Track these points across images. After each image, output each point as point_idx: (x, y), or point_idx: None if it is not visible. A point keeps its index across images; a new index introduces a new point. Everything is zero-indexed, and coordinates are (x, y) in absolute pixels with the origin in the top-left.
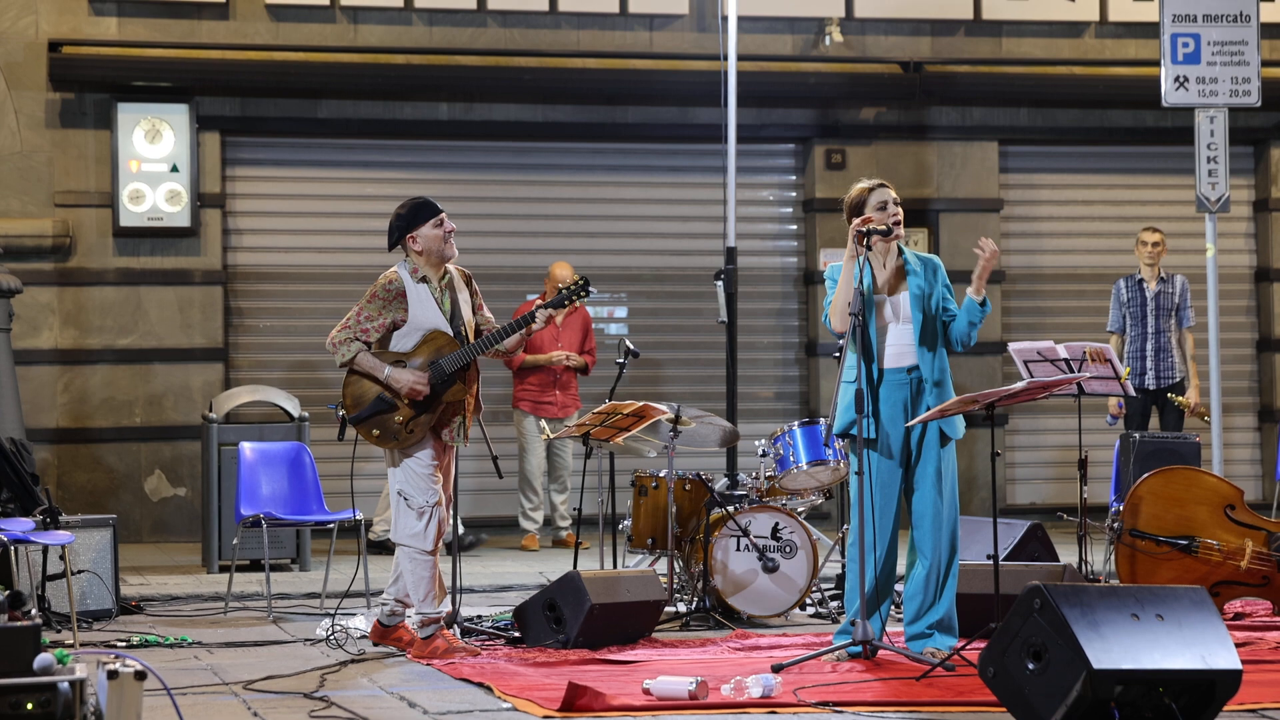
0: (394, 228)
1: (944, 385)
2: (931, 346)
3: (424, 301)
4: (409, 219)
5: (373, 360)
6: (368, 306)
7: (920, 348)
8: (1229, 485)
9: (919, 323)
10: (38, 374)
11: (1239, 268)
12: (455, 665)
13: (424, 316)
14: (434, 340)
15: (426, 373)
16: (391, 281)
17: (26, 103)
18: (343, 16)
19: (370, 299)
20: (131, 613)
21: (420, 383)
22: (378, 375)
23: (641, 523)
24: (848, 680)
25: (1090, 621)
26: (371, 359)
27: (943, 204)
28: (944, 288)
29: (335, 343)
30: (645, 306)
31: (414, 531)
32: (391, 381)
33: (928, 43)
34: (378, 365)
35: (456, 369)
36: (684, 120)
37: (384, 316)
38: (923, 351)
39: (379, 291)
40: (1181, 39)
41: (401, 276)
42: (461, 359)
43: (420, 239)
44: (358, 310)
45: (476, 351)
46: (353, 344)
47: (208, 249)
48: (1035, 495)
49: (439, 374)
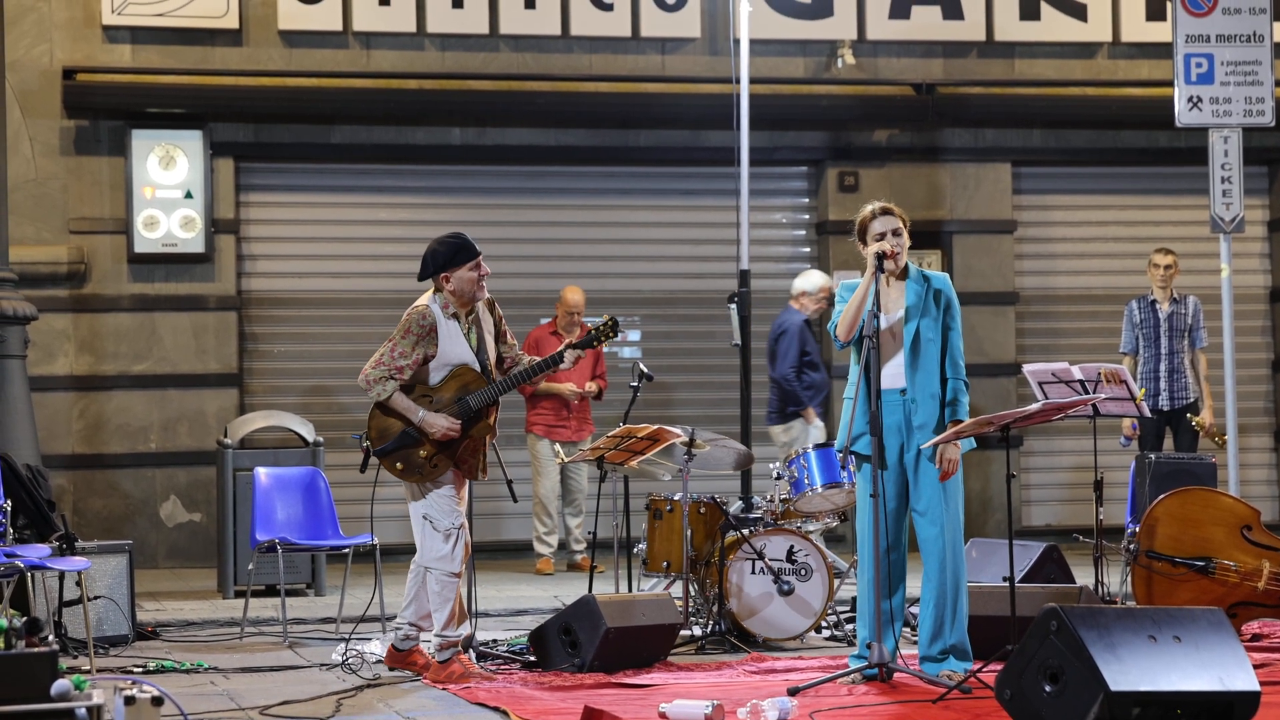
0: (430, 262)
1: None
2: (923, 367)
3: (454, 337)
4: (447, 258)
5: (407, 403)
6: (401, 343)
7: (909, 369)
8: (1245, 506)
9: (909, 344)
10: (53, 400)
11: (1254, 288)
12: (471, 689)
13: (453, 352)
14: (461, 376)
15: (458, 419)
16: (424, 316)
17: (41, 130)
18: (356, 42)
19: (404, 334)
20: (148, 638)
21: (454, 428)
22: (411, 419)
23: (656, 546)
24: (864, 703)
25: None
26: (406, 401)
27: (956, 226)
28: (944, 308)
29: (370, 380)
30: (659, 330)
31: (441, 554)
32: (425, 426)
33: (940, 64)
34: (412, 409)
35: (483, 405)
36: (696, 143)
37: (417, 352)
38: (911, 373)
39: (412, 326)
40: (1195, 59)
41: (434, 311)
42: (488, 397)
43: (454, 280)
44: (391, 346)
45: (503, 390)
46: (388, 383)
47: (222, 275)
48: (1051, 517)
49: (465, 411)
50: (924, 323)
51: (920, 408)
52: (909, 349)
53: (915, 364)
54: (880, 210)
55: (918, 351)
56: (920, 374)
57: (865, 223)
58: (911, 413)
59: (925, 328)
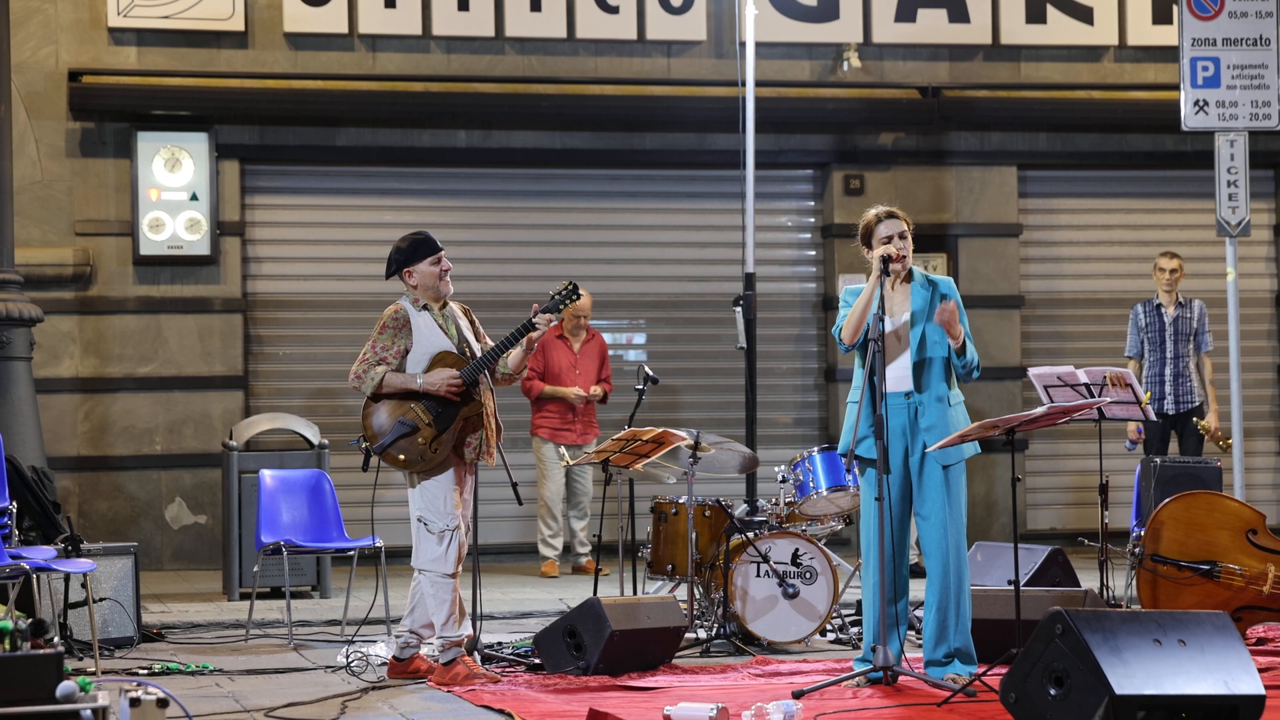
0: (392, 260)
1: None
2: (928, 370)
3: (429, 328)
4: (408, 254)
5: (403, 377)
6: (380, 338)
7: (915, 372)
8: (1251, 510)
9: (915, 347)
10: (58, 402)
11: (1260, 292)
12: (476, 692)
13: (429, 341)
14: (443, 359)
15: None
16: (397, 312)
17: (47, 132)
18: (361, 45)
19: (381, 331)
20: (153, 640)
21: (454, 379)
22: (411, 386)
23: (661, 549)
24: (869, 706)
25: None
26: (401, 376)
27: (961, 229)
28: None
29: (359, 375)
30: (664, 333)
31: (434, 556)
32: (427, 386)
33: (946, 68)
34: (408, 378)
35: (473, 378)
36: (702, 146)
37: (396, 345)
38: (917, 376)
39: (387, 322)
40: (1201, 63)
41: (405, 307)
42: (473, 371)
43: (416, 274)
44: (372, 344)
45: (487, 361)
46: (376, 369)
47: (227, 277)
48: (1056, 520)
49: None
50: (929, 326)
51: (927, 410)
52: (915, 352)
53: (922, 367)
54: (885, 214)
55: (924, 355)
56: (927, 377)
57: (870, 226)
58: (916, 415)
59: (931, 331)
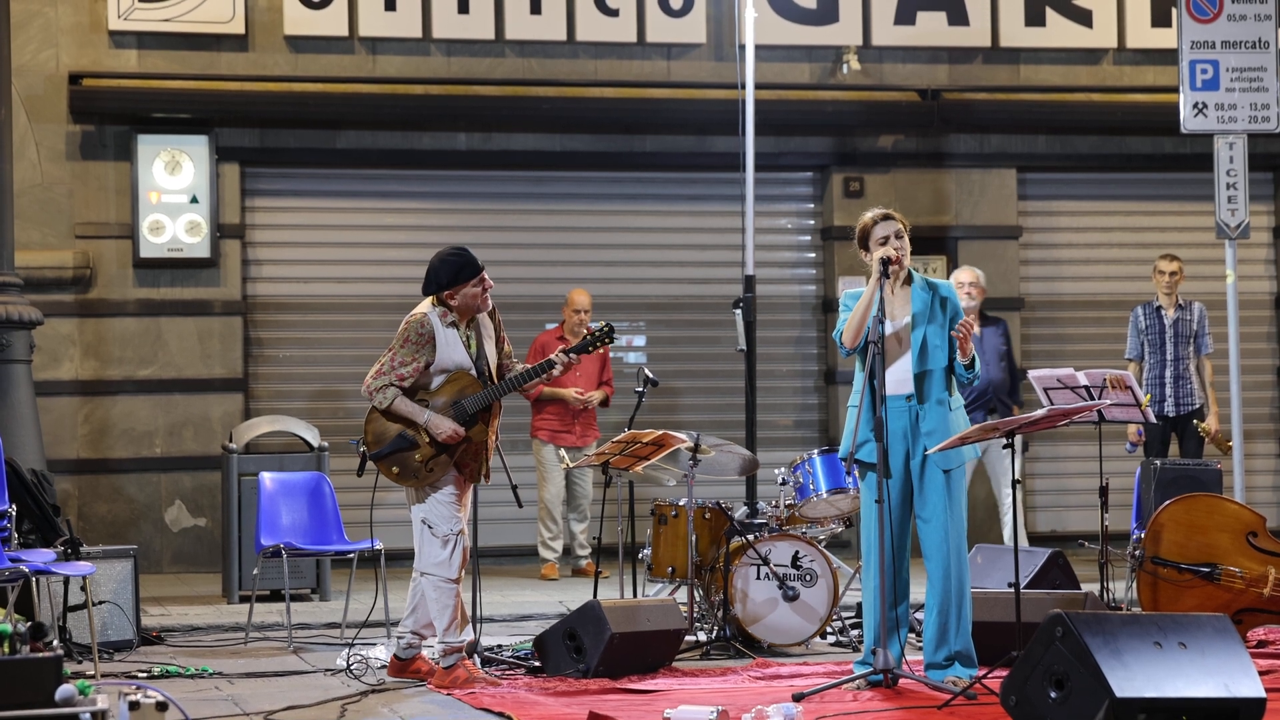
0: (434, 280)
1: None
2: (929, 374)
3: (452, 344)
4: (452, 277)
5: (412, 406)
6: (401, 351)
7: (917, 375)
8: (1251, 512)
9: (916, 350)
10: (58, 405)
11: (1259, 294)
12: (476, 695)
13: (451, 358)
14: (458, 380)
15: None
16: (423, 325)
17: (47, 135)
18: (361, 47)
19: (403, 343)
20: (152, 643)
21: (459, 433)
22: (417, 420)
23: (661, 551)
24: (869, 709)
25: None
26: (411, 405)
27: (961, 231)
28: (950, 315)
29: (372, 389)
30: (664, 335)
31: (439, 560)
32: (430, 427)
33: (945, 70)
34: (417, 411)
35: (479, 409)
36: (702, 149)
37: (417, 360)
38: (919, 379)
39: (411, 335)
40: (1200, 65)
41: (432, 320)
42: (483, 400)
43: (460, 296)
44: (391, 355)
45: (498, 394)
46: (388, 390)
47: (227, 279)
48: (1056, 523)
49: (461, 414)
50: (930, 329)
51: (928, 413)
52: (916, 355)
53: (923, 370)
54: (881, 215)
55: (925, 358)
56: (928, 380)
57: (866, 228)
58: (917, 419)
59: (932, 334)
